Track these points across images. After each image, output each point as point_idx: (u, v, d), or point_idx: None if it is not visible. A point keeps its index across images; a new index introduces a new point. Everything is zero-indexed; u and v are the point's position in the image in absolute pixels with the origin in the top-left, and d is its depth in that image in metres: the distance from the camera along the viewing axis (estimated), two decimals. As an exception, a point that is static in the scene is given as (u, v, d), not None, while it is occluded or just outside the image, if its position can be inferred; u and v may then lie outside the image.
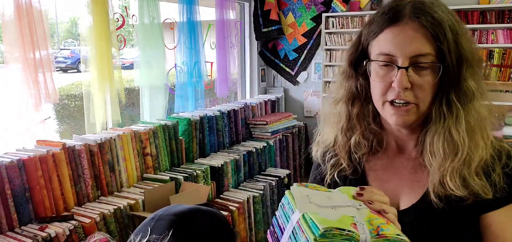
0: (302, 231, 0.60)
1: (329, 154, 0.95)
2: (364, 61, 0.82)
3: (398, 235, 0.60)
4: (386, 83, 0.77)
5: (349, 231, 0.58)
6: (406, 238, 0.60)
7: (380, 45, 0.77)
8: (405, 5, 0.77)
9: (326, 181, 0.94)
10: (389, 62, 0.76)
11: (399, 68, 0.74)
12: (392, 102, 0.77)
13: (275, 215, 0.73)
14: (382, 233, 0.60)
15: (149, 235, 1.15)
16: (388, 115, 0.80)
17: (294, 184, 0.71)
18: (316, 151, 0.99)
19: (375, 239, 0.59)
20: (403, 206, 0.83)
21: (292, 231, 0.63)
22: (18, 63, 2.20)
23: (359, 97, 0.87)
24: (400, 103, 0.76)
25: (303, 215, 0.62)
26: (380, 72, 0.78)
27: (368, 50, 0.82)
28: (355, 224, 0.60)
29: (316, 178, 1.00)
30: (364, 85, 0.85)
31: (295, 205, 0.65)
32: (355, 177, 0.90)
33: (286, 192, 0.70)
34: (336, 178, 0.92)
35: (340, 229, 0.58)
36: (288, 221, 0.66)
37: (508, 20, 4.34)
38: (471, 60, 0.75)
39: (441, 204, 0.76)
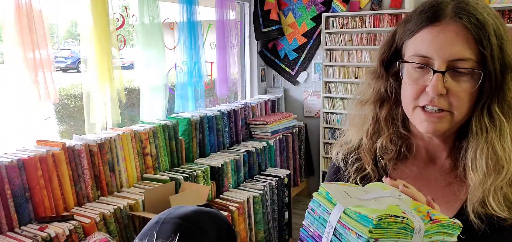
0: (349, 229, 0.54)
1: (352, 157, 0.88)
2: (397, 62, 0.77)
3: (450, 218, 0.56)
4: (419, 87, 0.71)
5: (403, 218, 0.52)
6: (458, 222, 0.57)
7: (416, 46, 0.71)
8: (447, 4, 0.70)
9: None
10: (425, 65, 0.70)
11: (435, 72, 0.68)
12: (423, 108, 0.71)
13: (303, 226, 0.63)
14: (435, 218, 0.55)
15: (156, 240, 1.15)
16: (418, 122, 0.73)
17: (321, 184, 0.64)
18: (337, 154, 0.92)
19: (429, 225, 0.54)
20: None
21: (334, 234, 0.56)
22: (18, 63, 2.20)
23: (388, 99, 0.81)
24: (432, 109, 0.70)
25: (344, 211, 0.55)
26: (413, 75, 0.72)
27: (402, 50, 0.77)
28: (404, 212, 0.54)
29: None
30: (395, 86, 0.80)
31: (330, 204, 0.58)
32: None
33: (315, 194, 0.62)
34: (359, 184, 0.84)
35: (394, 216, 0.52)
36: (324, 225, 0.58)
37: (508, 20, 4.33)
38: None
39: (481, 225, 0.69)
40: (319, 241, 0.59)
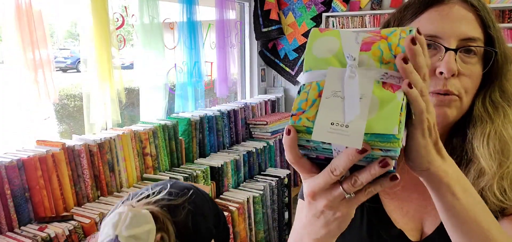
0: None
1: None
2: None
3: None
4: (431, 68, 0.64)
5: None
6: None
7: (422, 26, 0.66)
8: None
9: None
10: (435, 43, 0.65)
11: (447, 49, 0.64)
12: (433, 91, 0.66)
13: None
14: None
15: (170, 188, 1.23)
16: None
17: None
18: None
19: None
20: (428, 230, 0.72)
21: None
22: (17, 63, 2.20)
23: None
24: (442, 93, 0.65)
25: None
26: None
27: None
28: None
29: None
30: None
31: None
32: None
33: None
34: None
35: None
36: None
37: (509, 20, 4.33)
38: (511, 60, 0.69)
39: None
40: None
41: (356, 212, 0.67)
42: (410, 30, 0.45)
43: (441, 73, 0.64)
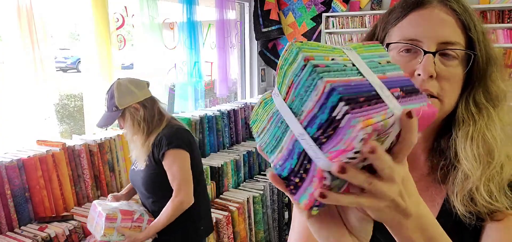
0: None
1: None
2: (384, 46, 0.72)
3: None
4: (408, 72, 0.66)
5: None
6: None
7: (403, 30, 0.68)
8: None
9: None
10: (414, 46, 0.67)
11: (425, 52, 0.65)
12: None
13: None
14: None
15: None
16: None
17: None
18: None
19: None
20: None
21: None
22: (18, 63, 2.20)
23: None
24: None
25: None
26: (400, 60, 0.68)
27: (385, 41, 0.73)
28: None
29: None
30: None
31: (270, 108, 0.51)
32: None
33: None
34: None
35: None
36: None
37: (509, 20, 4.33)
38: (497, 61, 0.69)
39: (472, 218, 0.65)
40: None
41: None
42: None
43: (419, 74, 0.65)
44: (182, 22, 3.32)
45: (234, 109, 3.58)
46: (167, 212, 1.76)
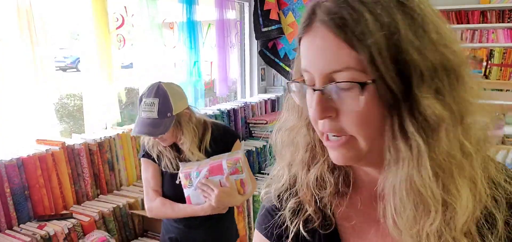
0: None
1: (287, 192, 0.69)
2: (287, 83, 0.63)
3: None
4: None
5: None
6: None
7: (301, 60, 0.58)
8: (321, 2, 0.54)
9: (289, 237, 0.66)
10: (308, 82, 0.56)
11: (315, 90, 0.54)
12: (327, 135, 0.56)
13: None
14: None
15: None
16: (328, 151, 0.59)
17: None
18: (266, 194, 0.73)
19: None
20: None
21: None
22: (17, 62, 2.20)
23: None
24: (332, 136, 0.56)
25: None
26: (307, 95, 0.57)
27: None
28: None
29: (269, 232, 0.69)
30: None
31: None
32: (326, 232, 0.64)
33: None
34: (304, 233, 0.65)
35: None
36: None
37: (509, 20, 4.33)
38: (433, 68, 0.50)
39: None
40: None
41: (313, 239, 0.65)
42: None
43: None
44: (182, 21, 3.33)
45: (234, 109, 3.58)
46: (251, 190, 1.71)
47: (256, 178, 3.30)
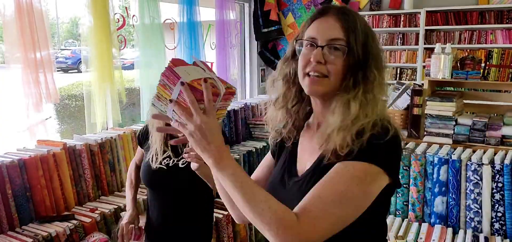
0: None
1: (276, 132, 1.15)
2: (294, 41, 1.04)
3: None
4: (307, 58, 0.96)
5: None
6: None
7: (309, 31, 0.99)
8: (332, 6, 1.00)
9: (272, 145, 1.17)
10: (312, 43, 0.96)
11: (317, 46, 0.95)
12: (308, 74, 0.96)
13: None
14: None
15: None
16: (305, 85, 0.97)
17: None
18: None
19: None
20: (308, 167, 1.01)
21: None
22: (18, 63, 2.21)
23: (289, 79, 1.06)
24: (314, 75, 0.94)
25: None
26: (304, 51, 0.98)
27: (302, 39, 1.03)
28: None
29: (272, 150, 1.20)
30: (295, 69, 1.03)
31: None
32: (291, 148, 1.10)
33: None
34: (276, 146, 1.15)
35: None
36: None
37: (507, 21, 4.34)
38: (376, 57, 0.96)
39: (332, 158, 0.92)
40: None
41: (283, 153, 1.12)
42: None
43: (311, 60, 0.94)
44: (182, 22, 3.34)
45: (234, 109, 3.59)
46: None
47: (256, 179, 3.31)
